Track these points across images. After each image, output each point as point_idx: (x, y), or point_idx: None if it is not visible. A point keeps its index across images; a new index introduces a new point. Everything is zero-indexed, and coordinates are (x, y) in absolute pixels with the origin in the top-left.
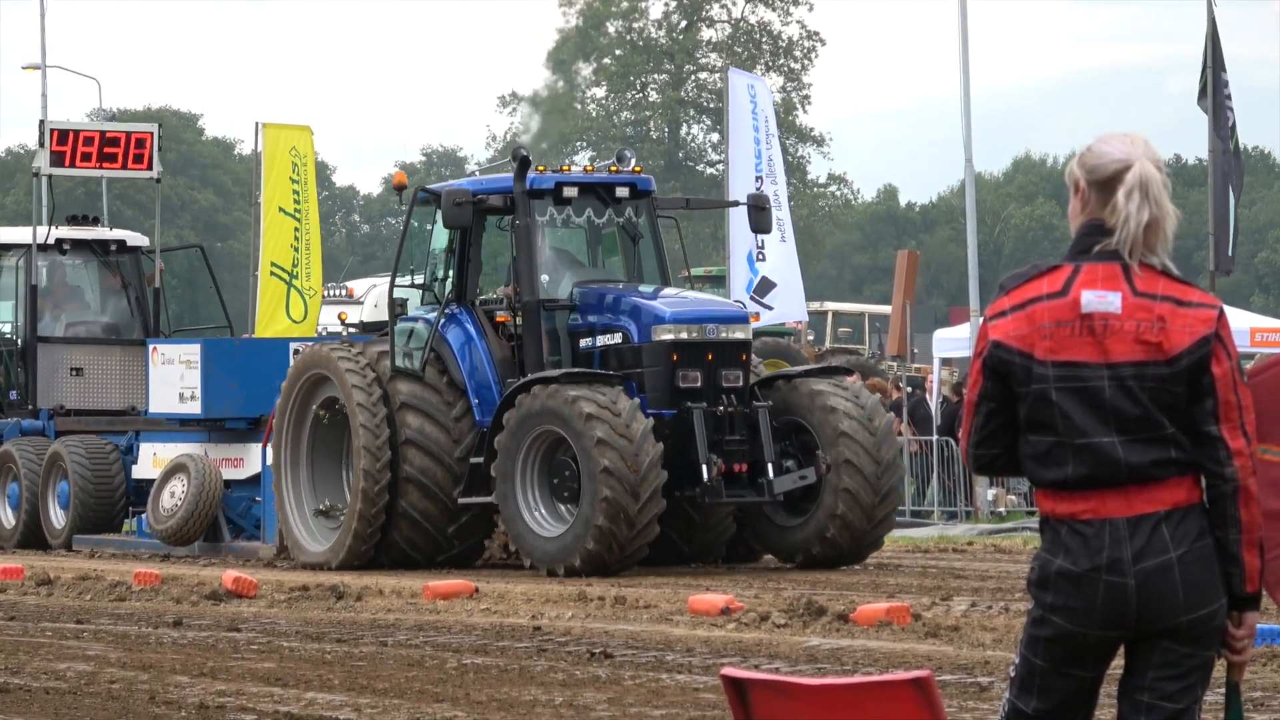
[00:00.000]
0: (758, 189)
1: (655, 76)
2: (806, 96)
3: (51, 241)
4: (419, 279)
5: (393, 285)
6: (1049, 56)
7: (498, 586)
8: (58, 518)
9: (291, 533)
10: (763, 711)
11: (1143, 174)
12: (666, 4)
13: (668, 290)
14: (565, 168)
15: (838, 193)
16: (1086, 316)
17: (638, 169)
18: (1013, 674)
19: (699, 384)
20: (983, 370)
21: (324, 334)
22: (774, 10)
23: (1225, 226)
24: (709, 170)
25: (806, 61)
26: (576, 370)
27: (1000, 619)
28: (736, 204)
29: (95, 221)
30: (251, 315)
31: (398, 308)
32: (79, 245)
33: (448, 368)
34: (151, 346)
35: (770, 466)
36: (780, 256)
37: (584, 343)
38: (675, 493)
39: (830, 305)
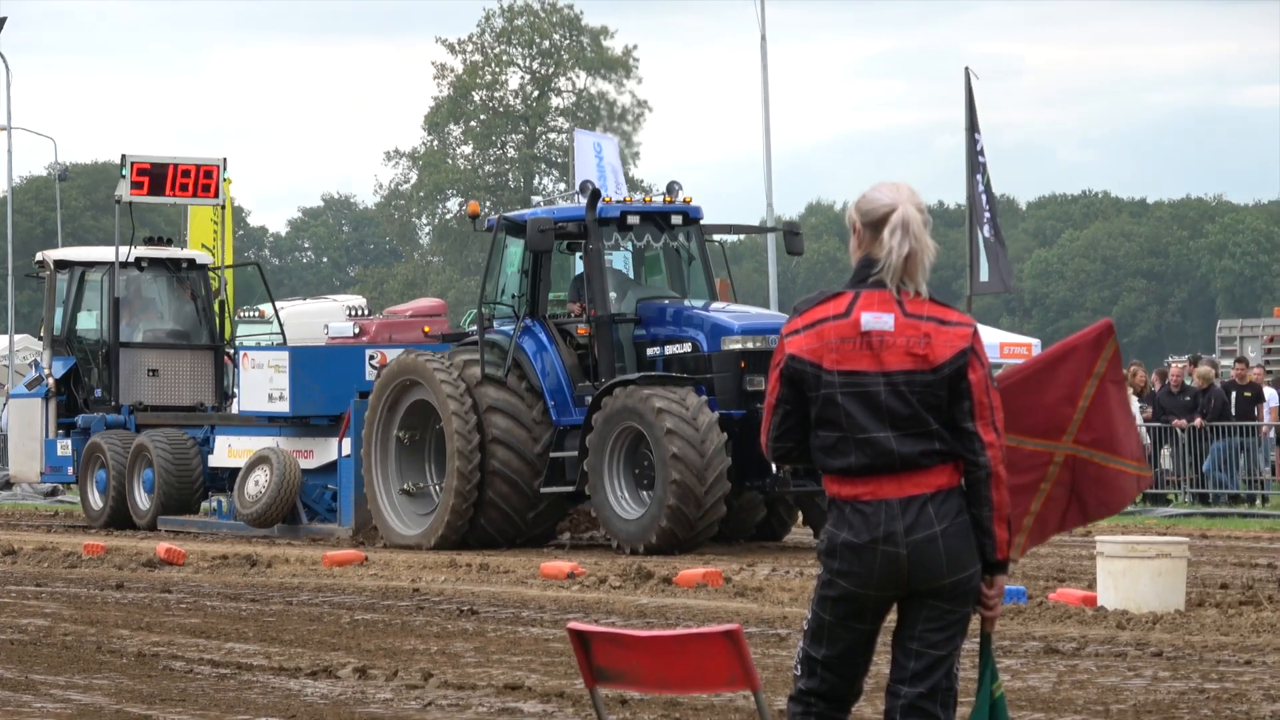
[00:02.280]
0: None
1: (513, 136)
2: (637, 153)
3: (131, 259)
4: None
5: (481, 302)
6: (836, 119)
7: (384, 556)
8: (142, 501)
9: (383, 519)
10: (602, 659)
11: (904, 215)
12: (522, 77)
13: (720, 305)
14: (628, 198)
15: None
16: (865, 334)
17: (688, 199)
18: (806, 627)
19: (764, 387)
20: (780, 378)
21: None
22: (610, 83)
23: (996, 257)
24: None
25: (637, 124)
26: (654, 374)
27: (796, 581)
28: (774, 230)
29: (169, 242)
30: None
31: (485, 321)
32: (155, 263)
33: (526, 373)
34: (243, 353)
35: None
36: None
37: (650, 351)
38: (746, 484)
39: None
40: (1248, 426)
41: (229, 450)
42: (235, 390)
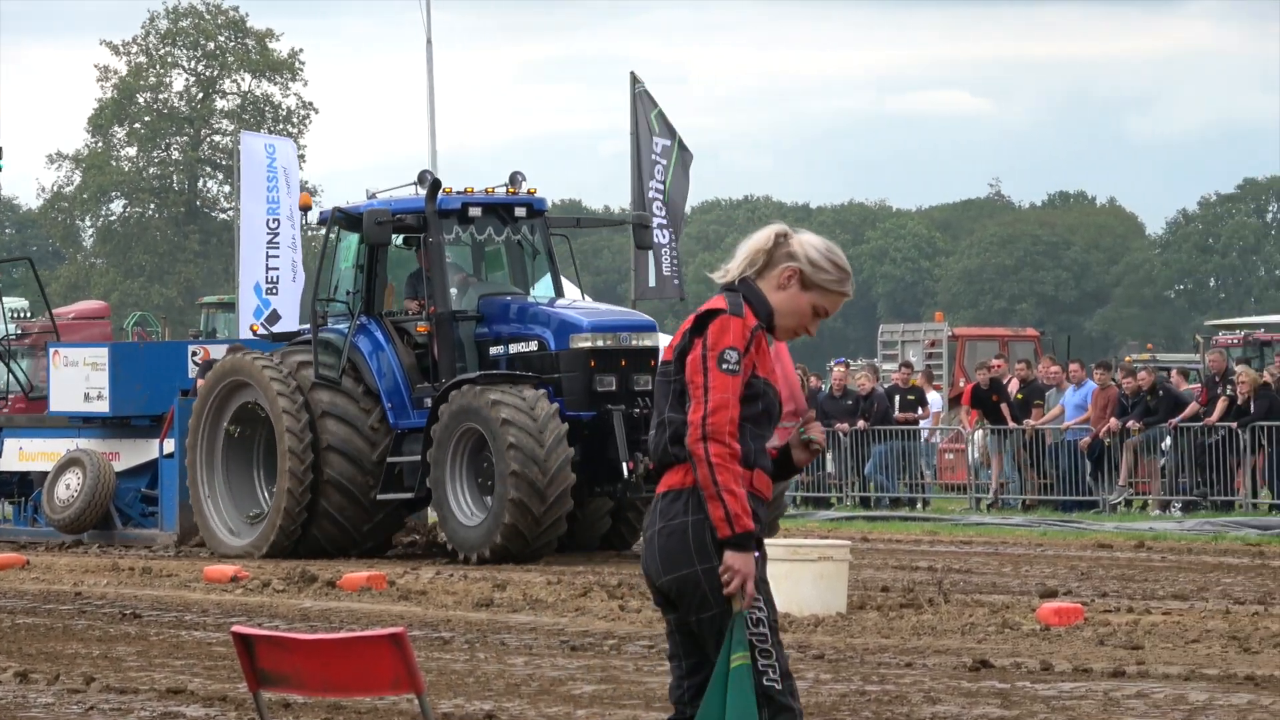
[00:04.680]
0: (272, 232)
1: (178, 139)
2: (303, 155)
3: None
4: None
5: (314, 300)
6: (504, 123)
7: (45, 559)
8: None
9: (210, 528)
10: (266, 662)
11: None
12: (187, 79)
13: (568, 301)
14: (469, 189)
15: (332, 236)
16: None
17: (532, 190)
18: None
19: (614, 388)
20: None
21: None
22: (275, 85)
23: (665, 261)
24: (221, 216)
25: (303, 126)
26: (497, 373)
27: (460, 584)
28: (623, 222)
29: None
30: None
31: (319, 319)
32: None
33: (361, 374)
34: (53, 350)
35: None
36: (290, 292)
37: (493, 350)
38: (595, 489)
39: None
40: (909, 430)
41: (20, 453)
42: (9, 390)
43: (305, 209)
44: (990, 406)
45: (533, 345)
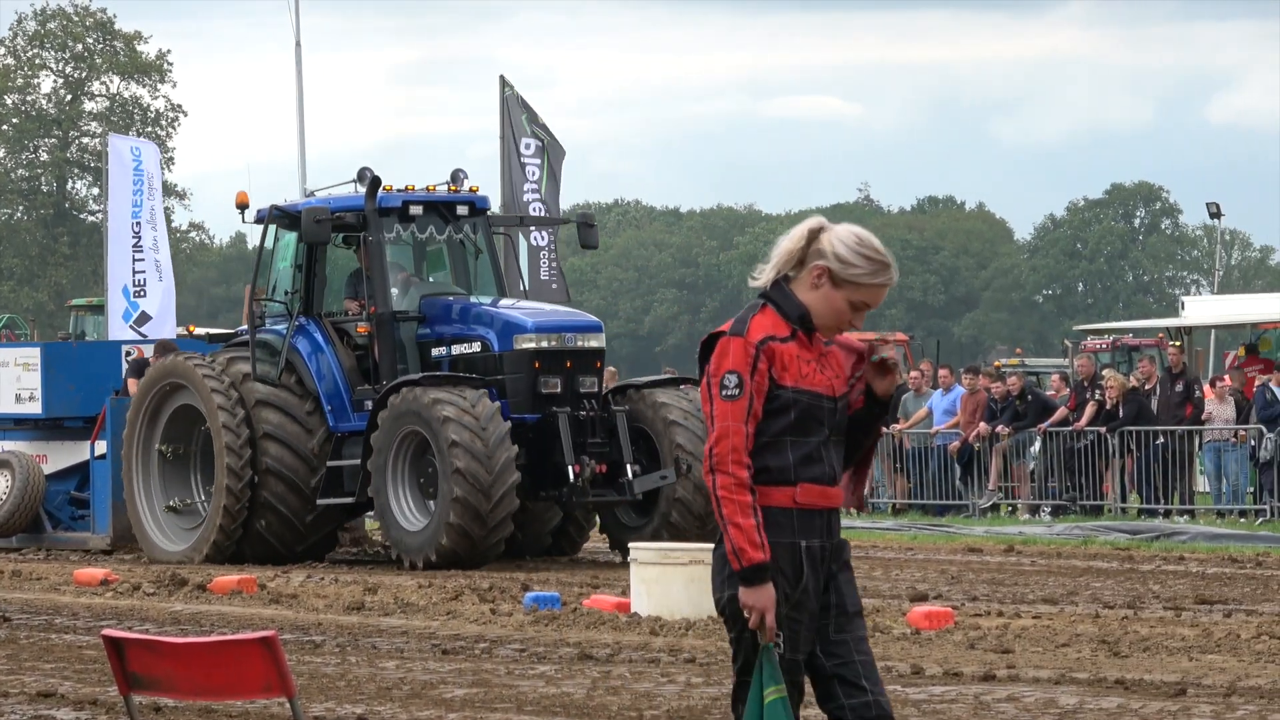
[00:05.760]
0: (136, 235)
1: (45, 140)
2: (171, 158)
3: None
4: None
5: (251, 299)
6: (375, 125)
7: None
8: None
9: (145, 533)
10: (136, 666)
11: None
12: (55, 81)
13: (512, 301)
14: (410, 187)
15: (196, 237)
16: None
17: (474, 188)
18: None
19: (560, 390)
20: None
21: None
22: (144, 87)
23: (546, 265)
24: (91, 219)
25: (171, 129)
26: (440, 374)
27: (331, 588)
28: (568, 221)
29: None
30: None
31: (256, 320)
32: None
33: (300, 376)
34: None
35: (630, 468)
36: (159, 294)
37: (435, 352)
38: (541, 493)
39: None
40: None
41: None
42: None
43: (243, 207)
44: None
45: (476, 346)
